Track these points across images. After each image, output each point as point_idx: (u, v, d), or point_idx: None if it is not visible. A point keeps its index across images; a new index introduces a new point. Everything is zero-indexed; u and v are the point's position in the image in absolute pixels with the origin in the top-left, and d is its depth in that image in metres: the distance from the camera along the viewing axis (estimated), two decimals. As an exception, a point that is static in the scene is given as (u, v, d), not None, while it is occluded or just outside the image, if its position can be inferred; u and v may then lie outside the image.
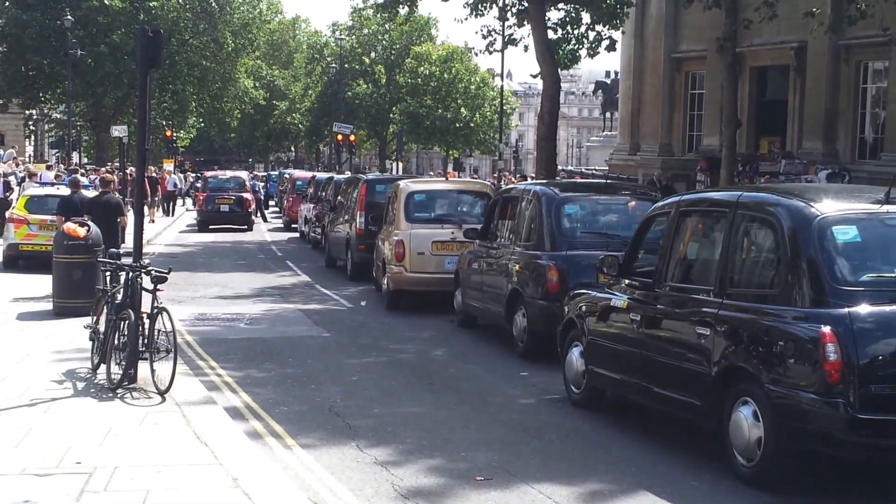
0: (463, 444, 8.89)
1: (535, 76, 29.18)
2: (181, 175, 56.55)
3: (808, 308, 7.41)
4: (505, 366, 12.68)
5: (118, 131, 38.36)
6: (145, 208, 26.40)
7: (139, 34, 11.59)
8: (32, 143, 66.26)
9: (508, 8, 29.86)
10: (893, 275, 7.59)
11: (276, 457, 8.38)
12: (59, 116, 59.40)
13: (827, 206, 7.87)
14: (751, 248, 8.38)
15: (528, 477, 7.85)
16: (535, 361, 12.58)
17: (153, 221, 34.43)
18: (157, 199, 40.18)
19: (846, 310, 7.20)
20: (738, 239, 8.38)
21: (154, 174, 41.02)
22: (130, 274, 10.50)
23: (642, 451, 8.73)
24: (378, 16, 47.78)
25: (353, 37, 75.27)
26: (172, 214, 44.03)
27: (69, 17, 45.44)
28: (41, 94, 54.63)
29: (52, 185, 26.97)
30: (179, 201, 49.76)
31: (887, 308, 7.25)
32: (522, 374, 12.10)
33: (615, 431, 9.42)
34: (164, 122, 58.37)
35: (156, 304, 10.21)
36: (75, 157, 54.58)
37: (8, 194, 27.36)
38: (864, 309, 7.21)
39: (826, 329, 7.09)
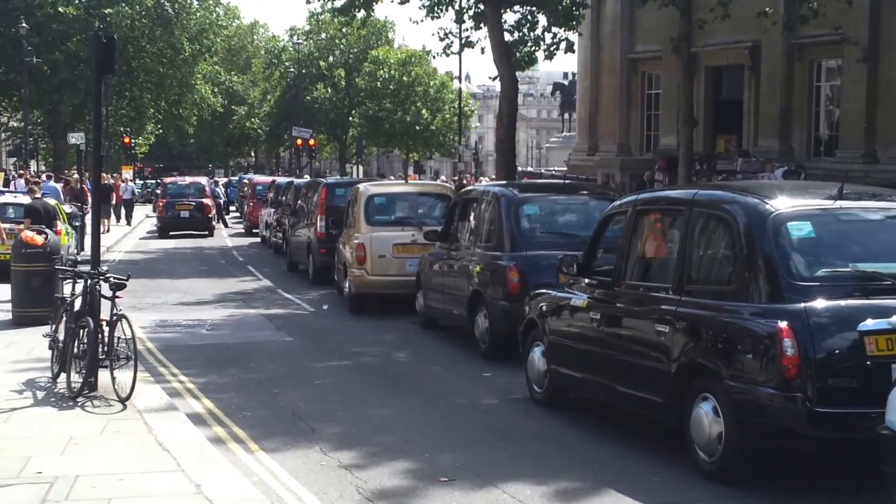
0: (427, 445, 8.91)
1: (493, 79, 29.26)
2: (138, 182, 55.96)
3: (765, 304, 7.49)
4: (468, 367, 12.71)
5: (75, 138, 38.04)
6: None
7: (93, 40, 11.53)
8: (-11, 151, 65.63)
9: (465, 10, 29.90)
10: (848, 269, 7.69)
11: (239, 462, 8.35)
12: (15, 124, 58.82)
13: (781, 203, 7.96)
14: (708, 245, 8.46)
15: (493, 477, 7.88)
16: (497, 362, 12.63)
17: (107, 230, 33.67)
18: (110, 207, 37.58)
19: (802, 305, 7.29)
20: (695, 237, 8.46)
21: (107, 181, 38.11)
22: (89, 281, 10.43)
23: (605, 449, 8.79)
24: (335, 20, 47.61)
25: (311, 41, 75.04)
26: (130, 223, 42.70)
27: (24, 24, 45.00)
28: (-3, 103, 54.10)
29: (23, 193, 26.84)
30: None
31: (843, 302, 7.35)
32: (485, 375, 12.14)
33: (578, 430, 9.47)
34: (121, 129, 57.95)
35: (115, 312, 10.15)
36: (33, 164, 54.04)
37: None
38: (820, 304, 7.30)
39: (783, 324, 7.18)
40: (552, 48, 29.16)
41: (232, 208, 52.29)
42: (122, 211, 43.05)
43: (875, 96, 25.04)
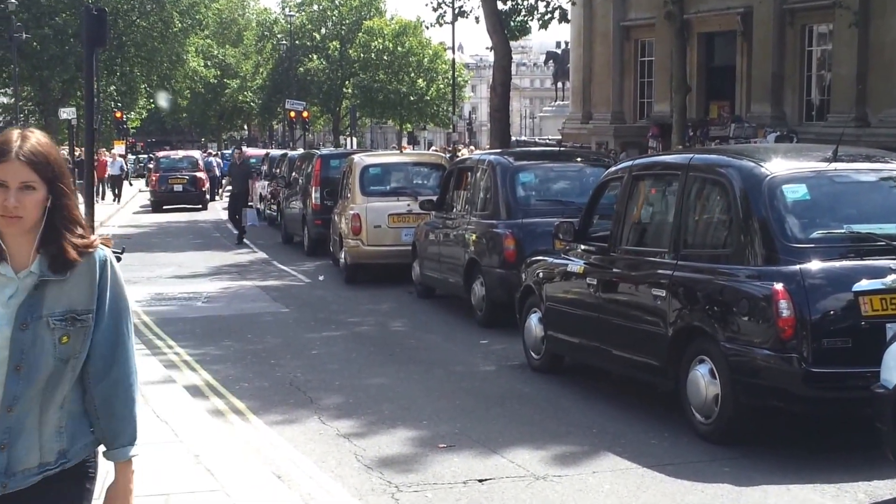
0: (425, 412, 8.94)
1: (488, 49, 29.16)
2: (131, 157, 55.56)
3: (761, 266, 7.51)
4: (464, 335, 12.75)
5: (66, 113, 37.91)
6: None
7: (84, 13, 11.51)
8: (-20, 128, 65.35)
9: (458, -22, 29.76)
10: (843, 231, 7.71)
11: (237, 433, 8.38)
12: (5, 101, 58.55)
13: (776, 166, 7.97)
14: (703, 209, 8.47)
15: (491, 442, 7.92)
16: (494, 329, 12.66)
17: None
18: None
19: (798, 266, 7.30)
20: (691, 201, 8.46)
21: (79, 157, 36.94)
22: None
23: (602, 413, 8.83)
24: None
25: (303, 13, 74.71)
26: (118, 200, 41.49)
27: (13, 0, 44.70)
28: (-15, 78, 53.80)
29: None
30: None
31: (837, 264, 7.37)
32: (482, 343, 12.17)
33: (575, 395, 9.51)
34: (112, 104, 57.71)
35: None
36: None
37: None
38: (815, 265, 7.32)
39: (778, 286, 7.20)
40: (546, 17, 29.03)
41: (224, 181, 52.13)
42: (110, 187, 41.35)
43: (866, 60, 25.02)
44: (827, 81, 27.02)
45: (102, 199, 39.79)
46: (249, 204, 24.97)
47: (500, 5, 27.83)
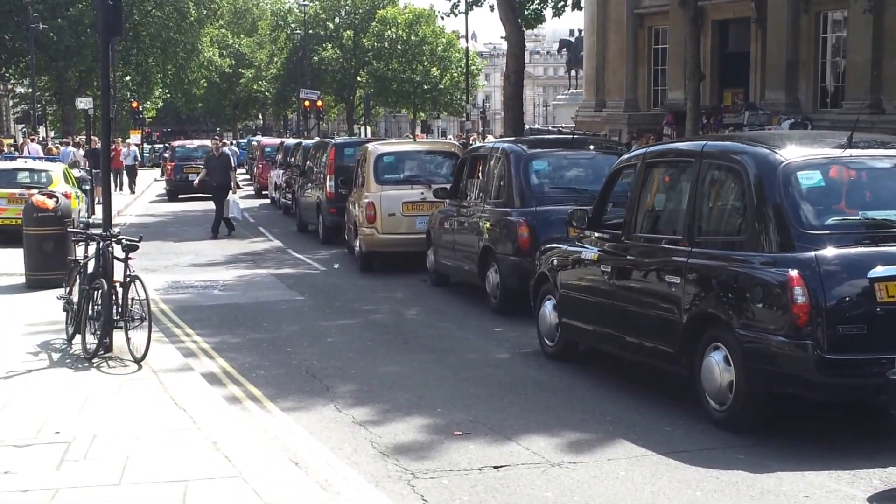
0: (440, 400, 8.97)
1: (502, 37, 29.16)
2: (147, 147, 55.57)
3: (776, 253, 7.51)
4: (479, 322, 12.77)
5: (83, 103, 38.01)
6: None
7: (99, 3, 11.48)
8: (-3, 118, 65.62)
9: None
10: (858, 218, 7.70)
11: (254, 420, 8.42)
12: (22, 90, 58.78)
13: (791, 152, 7.96)
14: (718, 196, 8.46)
15: (506, 430, 7.95)
16: (508, 317, 12.68)
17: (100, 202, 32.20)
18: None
19: (812, 253, 7.30)
20: (705, 188, 8.46)
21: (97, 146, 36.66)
22: (101, 243, 10.48)
23: (617, 401, 8.84)
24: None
25: (317, 2, 74.70)
26: (133, 191, 40.66)
27: (29, -10, 44.89)
28: (4, 70, 54.00)
29: (39, 158, 27.00)
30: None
31: (853, 250, 7.36)
32: (496, 330, 12.19)
33: (589, 383, 9.53)
34: (128, 94, 57.86)
35: (128, 273, 10.21)
36: (42, 131, 54.01)
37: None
38: (829, 252, 7.31)
39: (793, 273, 7.19)
40: (560, 4, 29.01)
41: (241, 171, 52.17)
42: (125, 178, 40.53)
43: (881, 47, 24.89)
44: (841, 68, 26.89)
45: (120, 189, 39.11)
46: (230, 197, 23.97)
47: (513, -7, 27.81)
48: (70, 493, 6.29)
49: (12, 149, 32.41)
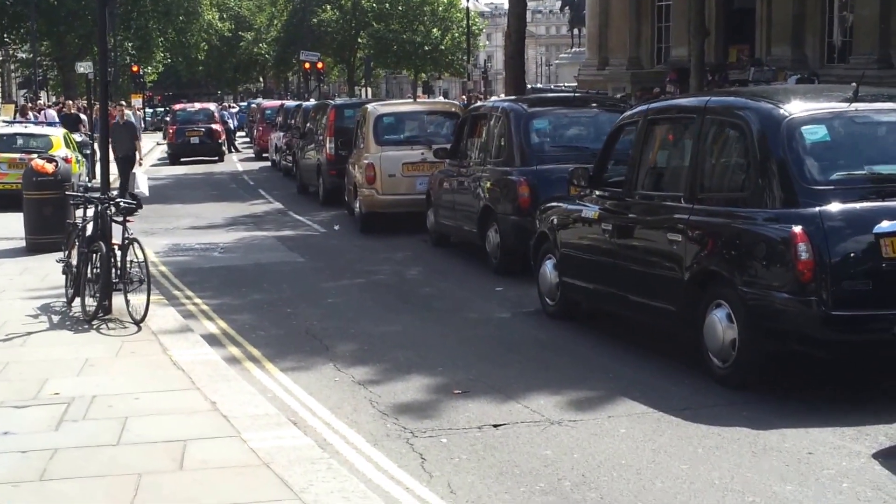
0: (440, 359, 8.92)
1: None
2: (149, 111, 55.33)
3: (779, 209, 7.41)
4: (479, 282, 12.71)
5: (83, 68, 37.79)
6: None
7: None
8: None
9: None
10: (863, 172, 7.60)
11: (254, 380, 8.38)
12: (24, 56, 58.50)
13: (795, 107, 7.83)
14: (720, 152, 8.35)
15: (506, 388, 7.90)
16: (508, 276, 12.62)
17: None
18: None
19: (817, 209, 7.20)
20: (708, 144, 8.34)
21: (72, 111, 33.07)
22: (99, 206, 10.41)
23: (618, 359, 8.78)
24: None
25: (316, -38, 74.05)
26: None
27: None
28: (5, 35, 53.74)
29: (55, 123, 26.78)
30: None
31: (857, 206, 7.26)
32: (497, 290, 12.13)
33: (590, 341, 9.48)
34: (129, 59, 57.56)
35: (126, 236, 10.15)
36: (43, 96, 53.79)
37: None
38: (834, 207, 7.21)
39: (797, 229, 7.10)
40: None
41: (241, 133, 52.03)
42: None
43: (889, 1, 24.63)
44: (849, 23, 26.61)
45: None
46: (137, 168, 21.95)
47: (514, -49, 27.47)
48: (69, 453, 6.27)
49: (35, 113, 31.93)
